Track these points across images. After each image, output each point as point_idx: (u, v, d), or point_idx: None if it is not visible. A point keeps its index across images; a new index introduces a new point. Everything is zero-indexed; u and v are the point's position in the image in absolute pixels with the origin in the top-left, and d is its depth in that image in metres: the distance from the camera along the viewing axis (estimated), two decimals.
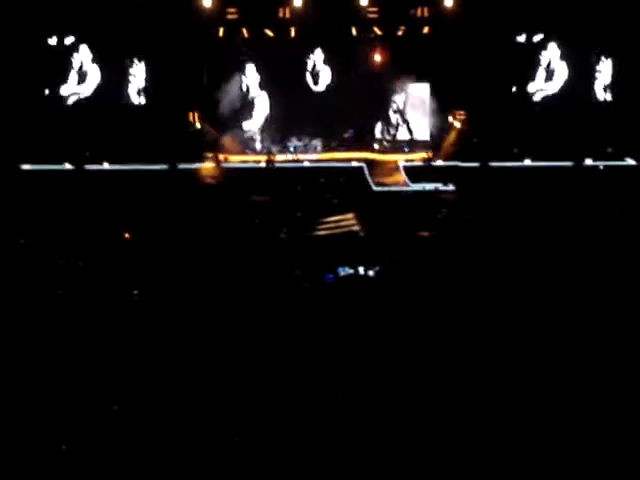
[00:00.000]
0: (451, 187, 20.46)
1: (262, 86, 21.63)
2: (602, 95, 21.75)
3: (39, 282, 14.43)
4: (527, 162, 21.23)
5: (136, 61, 21.24)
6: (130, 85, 21.31)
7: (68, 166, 20.65)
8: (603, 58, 21.60)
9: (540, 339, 11.42)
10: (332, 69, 21.68)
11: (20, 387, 9.94)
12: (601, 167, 21.09)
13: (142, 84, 21.25)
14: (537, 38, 21.57)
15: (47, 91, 21.25)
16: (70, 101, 21.41)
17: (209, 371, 10.51)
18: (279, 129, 21.68)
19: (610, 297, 13.09)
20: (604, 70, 21.61)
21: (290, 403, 9.66)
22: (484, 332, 11.86)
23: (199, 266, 15.88)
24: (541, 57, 21.72)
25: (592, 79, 21.71)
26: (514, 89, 21.75)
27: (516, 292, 13.84)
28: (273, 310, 13.06)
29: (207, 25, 21.09)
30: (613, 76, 21.60)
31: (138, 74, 21.26)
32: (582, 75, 21.69)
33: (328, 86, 21.74)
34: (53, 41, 21.06)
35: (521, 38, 21.51)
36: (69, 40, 21.15)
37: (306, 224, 19.10)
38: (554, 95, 21.83)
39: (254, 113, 21.66)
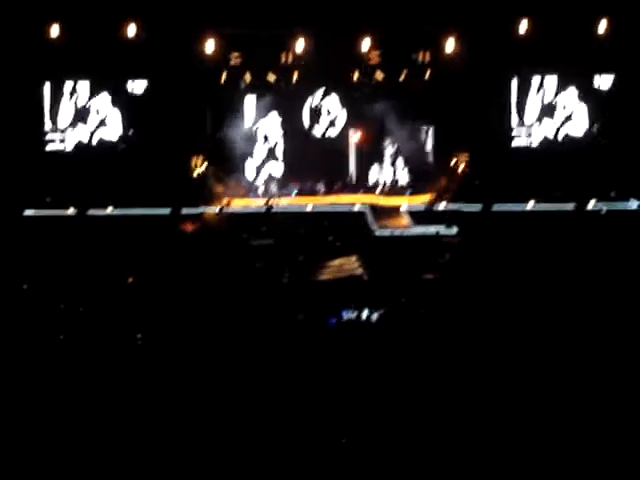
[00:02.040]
0: (454, 230, 20.44)
1: (265, 130, 21.68)
2: (604, 136, 21.77)
3: (41, 327, 14.41)
4: (530, 205, 21.21)
5: (140, 106, 21.28)
6: (133, 130, 21.35)
7: (71, 211, 20.64)
8: (604, 98, 21.67)
9: (543, 390, 11.40)
10: (334, 114, 21.75)
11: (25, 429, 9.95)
12: (604, 210, 21.06)
13: (145, 128, 21.28)
14: (539, 81, 21.66)
15: (48, 136, 21.30)
16: (73, 146, 21.44)
17: (214, 416, 10.48)
18: (282, 173, 21.71)
19: (613, 345, 13.06)
20: (606, 111, 21.66)
21: (293, 450, 9.63)
22: (487, 377, 11.84)
23: (202, 310, 15.85)
24: (544, 100, 21.79)
25: (594, 120, 21.75)
26: (516, 132, 21.80)
27: (520, 337, 13.80)
28: (277, 354, 13.02)
29: (210, 70, 21.19)
30: (615, 117, 21.64)
31: (141, 119, 21.31)
32: (584, 116, 21.74)
33: (330, 130, 21.79)
34: (58, 86, 21.17)
35: (523, 80, 21.60)
36: (71, 85, 21.24)
37: (309, 268, 19.08)
38: (556, 137, 21.87)
39: (257, 157, 21.69)
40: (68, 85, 21.28)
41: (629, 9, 20.90)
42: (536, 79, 21.69)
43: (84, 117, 21.43)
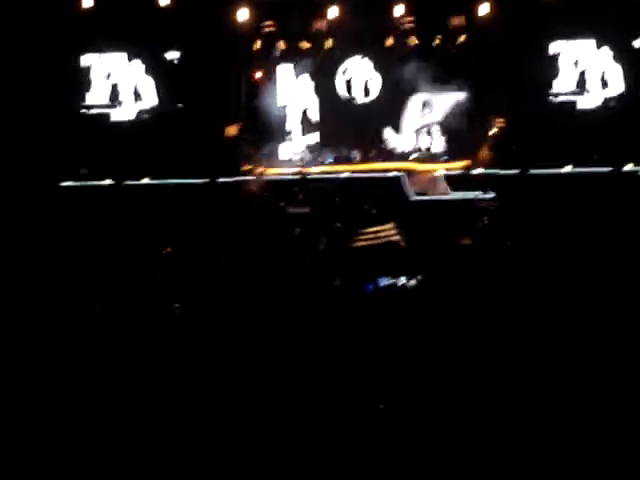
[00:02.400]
0: (491, 195, 20.36)
1: (299, 98, 21.66)
2: None
3: (79, 299, 14.53)
4: (567, 169, 21.08)
5: (174, 76, 21.32)
6: (167, 100, 21.39)
7: (108, 182, 20.76)
8: None
9: (585, 351, 11.33)
10: (369, 80, 21.68)
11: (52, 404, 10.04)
12: None
13: (180, 99, 21.31)
14: (576, 43, 21.46)
15: (84, 108, 21.40)
16: (109, 118, 21.53)
17: (247, 382, 10.54)
18: (316, 141, 21.68)
19: None
20: None
21: (328, 415, 9.66)
22: (526, 341, 11.80)
23: (240, 279, 15.92)
24: (580, 62, 21.59)
25: (631, 82, 21.53)
26: (553, 95, 21.64)
27: (559, 301, 13.74)
28: (313, 321, 13.06)
29: (244, 38, 21.17)
30: None
31: (176, 89, 21.34)
32: (621, 79, 21.52)
33: (365, 97, 21.73)
34: (93, 57, 21.25)
35: (560, 43, 21.41)
36: (106, 56, 21.31)
37: (345, 235, 19.08)
38: (594, 100, 21.68)
39: (291, 125, 21.68)
40: (104, 57, 21.36)
41: None
42: (572, 42, 21.48)
43: (119, 88, 21.51)
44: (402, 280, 16.45)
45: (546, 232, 18.42)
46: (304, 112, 21.70)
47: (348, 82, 21.68)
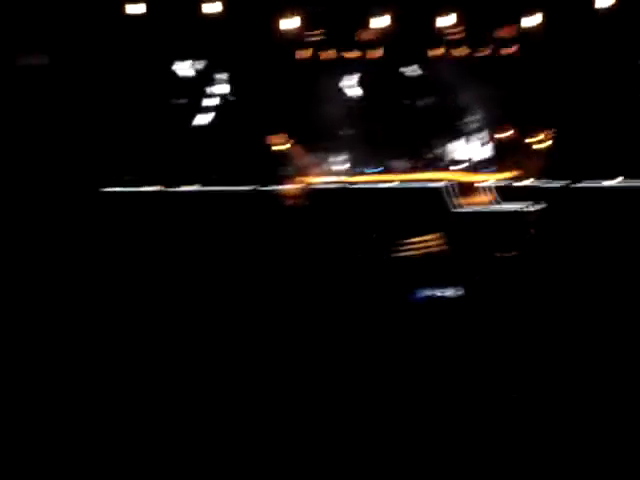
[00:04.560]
0: (539, 207, 20.19)
1: (345, 107, 21.68)
2: None
3: (117, 304, 14.66)
4: (617, 181, 20.86)
5: (223, 84, 21.44)
6: (216, 109, 21.50)
7: (159, 188, 20.91)
8: None
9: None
10: (416, 89, 21.66)
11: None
12: None
13: (229, 107, 21.41)
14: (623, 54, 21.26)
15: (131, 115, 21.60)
16: (160, 125, 21.69)
17: (283, 378, 10.60)
18: (364, 150, 21.68)
19: None
20: None
21: (369, 421, 9.68)
22: (571, 354, 11.74)
23: (282, 286, 15.97)
24: (629, 73, 21.40)
25: None
26: (603, 107, 21.44)
27: (604, 314, 13.65)
28: (358, 331, 13.09)
29: (291, 47, 21.24)
30: None
31: (225, 97, 21.45)
32: None
33: (413, 106, 21.71)
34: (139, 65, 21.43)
35: (606, 55, 21.22)
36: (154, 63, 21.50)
37: (391, 245, 19.04)
38: None
39: (339, 134, 21.70)
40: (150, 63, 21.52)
41: None
42: (619, 54, 21.26)
43: (167, 95, 21.67)
44: (447, 291, 16.39)
45: (594, 245, 18.24)
46: (351, 121, 21.71)
47: (396, 91, 21.67)
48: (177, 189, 20.91)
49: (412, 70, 21.67)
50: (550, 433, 9.32)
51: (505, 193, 20.86)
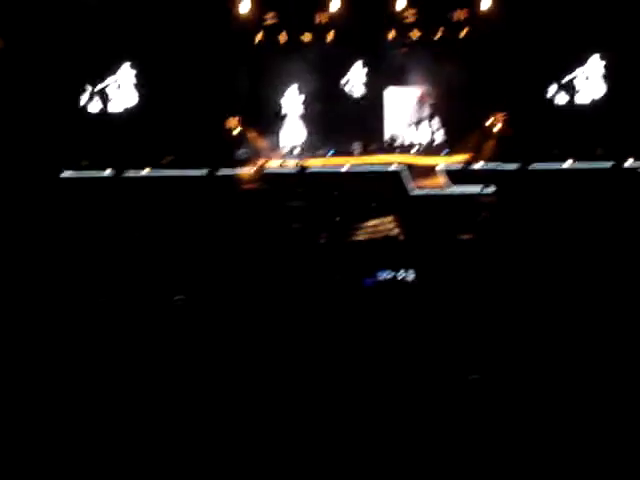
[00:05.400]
0: (491, 189, 20.33)
1: (300, 91, 21.63)
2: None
3: (79, 290, 14.55)
4: (568, 164, 21.07)
5: (176, 67, 21.26)
6: (169, 91, 21.33)
7: (109, 172, 20.74)
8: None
9: (581, 346, 11.35)
10: (370, 73, 21.67)
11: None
12: None
13: (181, 90, 21.25)
14: (573, 40, 21.42)
15: (87, 100, 21.38)
16: (109, 108, 21.50)
17: (246, 374, 10.55)
18: (317, 134, 21.67)
19: None
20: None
21: (325, 406, 9.67)
22: (522, 335, 11.82)
23: (239, 271, 15.93)
24: (579, 59, 21.59)
25: (633, 80, 21.49)
26: (554, 90, 21.61)
27: (555, 295, 13.77)
28: (313, 314, 13.08)
29: (245, 30, 21.14)
30: None
31: (178, 80, 21.28)
32: (622, 75, 21.49)
33: (366, 90, 21.72)
34: (92, 50, 21.21)
35: (559, 39, 21.35)
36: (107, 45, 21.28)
37: (345, 228, 19.07)
38: (594, 95, 21.66)
39: (292, 118, 21.67)
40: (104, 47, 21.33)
41: None
42: (570, 39, 21.41)
43: (120, 79, 21.48)
44: (401, 274, 16.45)
45: (546, 227, 18.40)
46: (305, 105, 21.68)
47: (349, 76, 21.67)
48: (128, 174, 20.73)
49: (366, 53, 21.65)
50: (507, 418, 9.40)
51: (458, 176, 20.99)
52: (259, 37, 21.36)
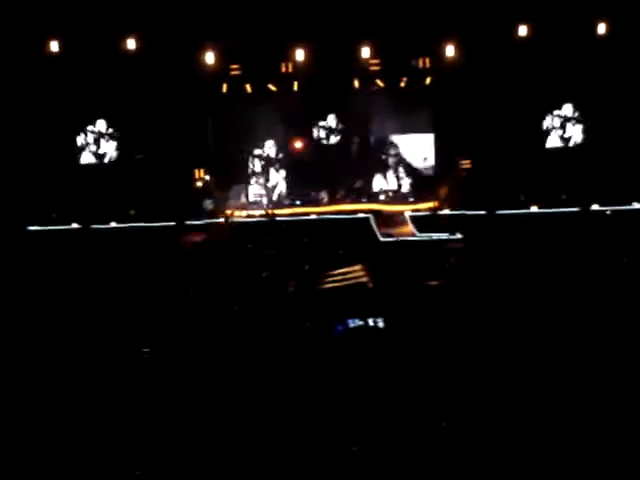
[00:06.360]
0: (458, 236, 20.42)
1: (267, 140, 21.71)
2: (606, 142, 21.74)
3: (47, 340, 14.42)
4: (534, 209, 21.21)
5: (142, 119, 21.29)
6: (135, 144, 21.36)
7: (75, 226, 20.65)
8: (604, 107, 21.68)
9: (552, 393, 11.37)
10: (335, 122, 21.79)
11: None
12: (608, 212, 21.03)
13: (147, 142, 21.28)
14: (539, 87, 21.65)
15: (51, 154, 21.35)
16: (77, 161, 21.47)
17: (216, 421, 10.49)
18: (285, 183, 21.73)
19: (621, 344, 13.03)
20: (606, 118, 21.66)
21: (298, 458, 9.63)
22: (493, 380, 11.81)
23: (208, 321, 15.83)
24: (545, 104, 21.82)
25: (595, 127, 21.75)
26: (518, 136, 21.80)
27: (526, 341, 13.77)
28: (283, 362, 13.01)
29: (211, 81, 21.23)
30: (615, 123, 21.62)
31: (143, 132, 21.31)
32: (586, 122, 21.75)
33: (332, 139, 21.83)
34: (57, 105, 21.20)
35: (522, 86, 21.59)
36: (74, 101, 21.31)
37: (314, 276, 19.04)
38: (557, 142, 21.88)
39: (259, 168, 21.72)
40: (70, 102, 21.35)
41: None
42: (533, 86, 21.63)
43: (85, 132, 21.48)
44: (371, 320, 16.41)
45: (513, 271, 18.46)
46: (272, 154, 21.75)
47: (315, 125, 21.78)
48: (94, 226, 20.64)
49: (331, 102, 21.79)
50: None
51: (424, 223, 21.07)
52: (225, 88, 21.45)
